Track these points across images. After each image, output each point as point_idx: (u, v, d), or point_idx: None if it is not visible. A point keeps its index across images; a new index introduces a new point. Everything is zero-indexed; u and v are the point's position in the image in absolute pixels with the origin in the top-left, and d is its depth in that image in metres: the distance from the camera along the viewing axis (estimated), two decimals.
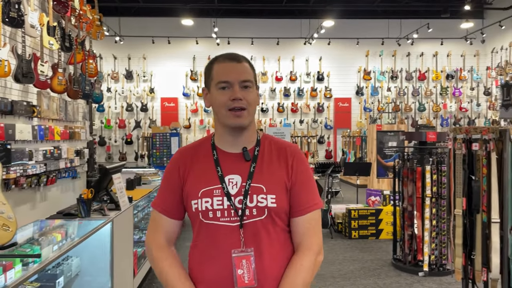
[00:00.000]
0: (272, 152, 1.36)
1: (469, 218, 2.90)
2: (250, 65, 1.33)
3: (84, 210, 2.62)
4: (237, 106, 1.27)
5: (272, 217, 1.30)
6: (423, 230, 4.25)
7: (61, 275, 2.27)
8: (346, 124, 14.18)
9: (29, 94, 4.52)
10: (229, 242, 1.27)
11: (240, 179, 1.30)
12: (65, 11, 4.94)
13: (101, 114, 13.45)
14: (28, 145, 4.29)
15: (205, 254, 1.31)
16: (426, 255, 4.22)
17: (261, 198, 1.28)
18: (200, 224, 1.32)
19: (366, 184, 10.68)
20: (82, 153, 5.92)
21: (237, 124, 1.29)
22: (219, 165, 1.32)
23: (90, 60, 5.78)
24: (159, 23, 13.40)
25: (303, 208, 1.33)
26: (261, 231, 1.29)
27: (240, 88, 1.27)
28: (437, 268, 4.32)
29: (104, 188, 2.96)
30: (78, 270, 2.52)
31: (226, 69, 1.29)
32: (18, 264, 1.75)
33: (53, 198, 5.05)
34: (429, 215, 4.19)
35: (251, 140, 1.36)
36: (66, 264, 2.37)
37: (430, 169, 4.18)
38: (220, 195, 1.29)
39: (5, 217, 1.70)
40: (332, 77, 14.20)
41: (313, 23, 13.35)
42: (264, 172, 1.32)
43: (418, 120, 14.07)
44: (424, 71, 14.22)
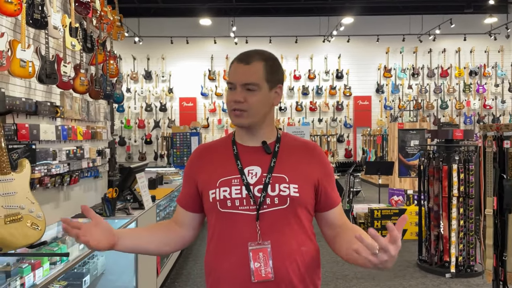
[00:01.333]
0: (294, 148, 1.37)
1: (500, 218, 2.80)
2: (266, 64, 1.30)
3: (109, 209, 2.63)
4: (236, 108, 1.29)
5: (295, 207, 1.28)
6: (449, 230, 4.13)
7: (87, 274, 2.28)
8: (366, 123, 14.00)
9: (53, 94, 4.59)
10: (246, 232, 1.26)
11: (260, 170, 1.30)
12: (86, 12, 5.00)
13: (121, 114, 13.62)
14: (52, 145, 4.35)
15: (221, 245, 1.30)
16: (453, 256, 4.11)
17: (284, 187, 1.27)
18: (218, 214, 1.31)
19: (387, 183, 10.51)
20: (104, 153, 5.99)
21: (237, 124, 1.32)
22: (239, 159, 1.33)
23: (111, 60, 5.84)
24: (177, 23, 13.48)
25: (334, 199, 1.37)
26: (281, 221, 1.27)
27: (242, 90, 1.28)
28: (464, 269, 4.19)
29: (128, 187, 2.96)
30: (103, 269, 2.53)
31: (234, 70, 1.31)
32: (46, 263, 1.76)
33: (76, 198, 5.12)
34: (456, 215, 4.07)
35: (269, 136, 1.37)
36: (92, 263, 2.39)
37: (457, 167, 4.06)
38: (238, 184, 1.28)
39: (34, 216, 1.71)
40: (352, 75, 14.03)
41: (332, 20, 13.22)
42: (286, 164, 1.31)
43: (441, 118, 13.77)
44: (447, 67, 13.92)
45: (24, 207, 1.67)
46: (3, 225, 1.57)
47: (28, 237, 1.67)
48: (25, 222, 1.66)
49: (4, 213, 1.59)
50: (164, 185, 4.91)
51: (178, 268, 4.54)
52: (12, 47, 3.49)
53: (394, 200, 6.25)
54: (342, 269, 4.50)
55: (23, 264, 1.64)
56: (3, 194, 1.59)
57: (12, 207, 1.62)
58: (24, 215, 1.68)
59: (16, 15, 3.46)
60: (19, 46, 3.53)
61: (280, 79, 1.35)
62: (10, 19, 3.59)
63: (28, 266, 1.63)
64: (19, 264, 1.62)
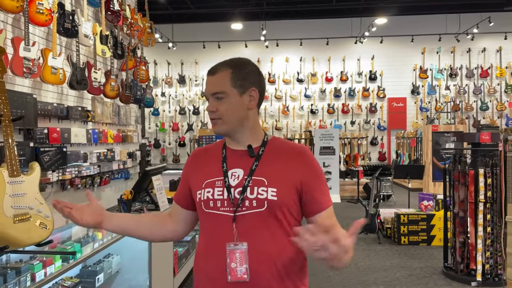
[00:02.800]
0: (280, 152, 1.39)
1: None
2: (234, 71, 1.34)
3: (124, 210, 2.75)
4: (211, 117, 1.37)
5: (273, 210, 1.30)
6: (476, 237, 3.99)
7: (101, 272, 2.40)
8: (401, 125, 13.66)
9: (84, 99, 4.81)
10: (225, 232, 1.30)
11: (242, 173, 1.34)
12: (117, 21, 5.21)
13: (156, 117, 14.02)
14: (82, 148, 4.57)
15: (205, 244, 1.36)
16: (479, 263, 3.96)
17: (262, 191, 1.30)
18: (202, 214, 1.38)
19: (421, 187, 10.21)
20: (135, 155, 6.21)
21: (215, 132, 1.39)
22: (225, 162, 1.38)
23: (142, 66, 6.05)
24: (209, 28, 13.73)
25: (321, 203, 1.36)
26: (259, 224, 1.30)
27: (213, 99, 1.35)
28: (492, 278, 4.03)
29: (144, 189, 3.08)
30: (118, 268, 2.65)
31: (206, 82, 1.39)
32: (58, 261, 1.88)
33: (107, 198, 5.33)
34: (482, 221, 3.92)
35: (255, 140, 1.40)
36: (106, 261, 2.50)
37: (483, 172, 3.91)
38: (221, 186, 1.34)
39: (42, 216, 1.83)
40: (385, 76, 13.75)
41: (364, 21, 13.02)
42: (267, 168, 1.34)
43: (481, 120, 13.23)
44: (487, 67, 13.36)
45: (33, 207, 1.79)
46: (12, 224, 1.70)
47: (36, 236, 1.79)
48: (34, 222, 1.79)
49: (14, 212, 1.72)
50: None
51: None
52: (44, 55, 3.70)
53: (423, 205, 6.08)
54: (362, 274, 4.44)
55: (35, 261, 1.76)
56: (12, 195, 1.72)
57: (21, 207, 1.75)
58: (33, 215, 1.80)
59: (47, 25, 3.67)
60: (51, 54, 3.74)
61: (253, 82, 1.36)
62: (42, 29, 3.82)
63: (39, 263, 1.76)
64: (30, 261, 1.75)
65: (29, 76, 3.40)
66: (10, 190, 1.70)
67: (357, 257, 5.03)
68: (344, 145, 11.90)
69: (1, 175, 1.68)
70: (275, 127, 13.72)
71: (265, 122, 13.79)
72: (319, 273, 4.46)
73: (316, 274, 4.43)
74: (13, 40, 3.26)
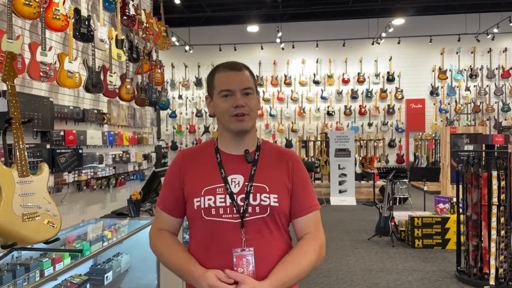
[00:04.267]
0: (272, 156, 1.43)
1: None
2: (250, 72, 1.42)
3: (133, 210, 2.82)
4: (239, 112, 1.34)
5: (274, 216, 1.35)
6: (489, 240, 3.92)
7: (110, 270, 2.47)
8: (420, 127, 13.47)
9: (100, 102, 4.94)
10: (230, 239, 1.32)
11: (242, 179, 1.36)
12: (133, 25, 5.33)
13: (173, 120, 14.20)
14: (98, 150, 4.69)
15: (205, 251, 1.34)
16: (492, 267, 3.89)
17: (264, 197, 1.34)
18: (201, 221, 1.36)
19: (439, 190, 10.04)
20: (150, 157, 6.32)
21: (240, 128, 1.36)
22: (222, 167, 1.38)
23: (157, 69, 6.16)
24: (225, 31, 13.84)
25: (304, 208, 1.39)
26: (263, 229, 1.34)
27: (241, 95, 1.35)
28: (506, 282, 3.95)
29: (154, 190, 3.15)
30: (127, 266, 2.72)
31: (227, 78, 1.36)
32: (67, 258, 1.95)
33: (122, 199, 5.45)
34: (496, 224, 3.85)
35: (252, 144, 1.43)
36: (115, 260, 2.58)
37: (497, 174, 3.85)
38: (222, 193, 1.34)
39: (50, 214, 1.92)
40: (403, 78, 13.59)
41: (381, 22, 12.91)
42: (266, 174, 1.38)
43: (502, 122, 12.93)
44: (508, 68, 13.05)
45: (41, 206, 1.87)
46: (21, 222, 1.79)
47: (44, 234, 1.87)
48: (42, 220, 1.87)
49: (22, 211, 1.80)
50: None
51: None
52: (60, 60, 3.83)
53: (439, 208, 5.99)
54: (374, 277, 4.41)
55: (44, 258, 1.84)
56: (22, 194, 1.81)
57: (30, 206, 1.83)
58: (41, 214, 1.88)
59: (63, 30, 3.79)
60: (67, 59, 3.86)
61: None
62: (59, 34, 3.95)
63: (48, 260, 1.83)
64: (40, 258, 1.83)
65: (46, 80, 3.52)
66: (20, 190, 1.78)
67: (370, 260, 5.00)
68: (360, 147, 11.80)
69: (11, 175, 1.76)
70: (291, 129, 13.72)
71: (281, 124, 13.80)
72: (333, 275, 4.46)
73: (330, 275, 4.43)
74: (30, 45, 3.39)
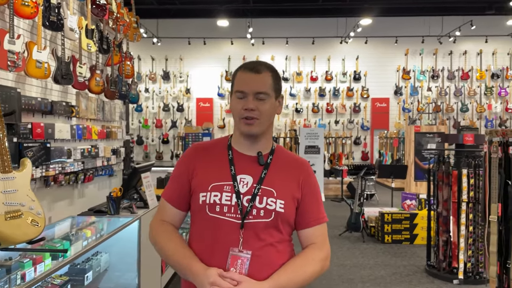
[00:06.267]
0: (284, 163, 1.40)
1: (505, 225, 2.76)
2: (273, 75, 1.36)
3: (113, 207, 2.71)
4: (248, 115, 1.31)
5: (278, 222, 1.32)
6: (458, 236, 4.08)
7: (90, 270, 2.36)
8: (384, 125, 13.84)
9: (68, 94, 4.72)
10: (229, 238, 1.29)
11: (251, 180, 1.34)
12: (103, 14, 5.12)
13: (139, 114, 13.86)
14: (66, 144, 4.48)
15: (204, 247, 1.32)
16: (461, 262, 4.05)
17: (271, 201, 1.31)
18: (204, 217, 1.33)
19: (403, 187, 10.38)
20: (119, 152, 6.13)
21: (247, 132, 1.34)
22: (233, 165, 1.36)
23: (127, 61, 5.96)
24: (195, 24, 13.63)
25: (312, 219, 1.38)
26: (263, 233, 1.31)
27: (254, 99, 1.32)
28: (473, 276, 4.13)
29: (133, 186, 3.04)
30: (107, 266, 2.61)
31: (244, 79, 1.33)
32: (48, 258, 1.84)
33: (90, 195, 5.25)
34: (465, 220, 4.01)
35: (266, 147, 1.40)
36: (95, 259, 2.47)
37: (466, 172, 4.00)
38: (229, 192, 1.32)
39: (34, 213, 1.79)
40: (369, 77, 13.91)
41: (349, 21, 13.13)
42: (275, 179, 1.35)
43: (461, 121, 13.51)
44: (468, 70, 13.65)
45: (25, 204, 1.75)
46: (4, 221, 1.66)
47: (27, 233, 1.75)
48: (25, 219, 1.75)
49: (5, 209, 1.67)
50: None
51: None
52: (29, 49, 3.62)
53: (406, 204, 6.18)
54: (348, 272, 4.49)
55: (25, 259, 1.72)
56: (4, 192, 1.67)
57: (12, 204, 1.70)
58: (24, 212, 1.76)
59: (32, 18, 3.58)
60: (35, 48, 3.66)
61: (281, 90, 1.40)
62: (27, 21, 3.73)
63: (29, 261, 1.72)
64: (20, 259, 1.71)
65: (13, 69, 3.31)
66: (2, 187, 1.64)
67: (343, 255, 5.08)
68: (329, 144, 11.99)
69: None
70: None
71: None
72: None
73: None
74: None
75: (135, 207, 2.85)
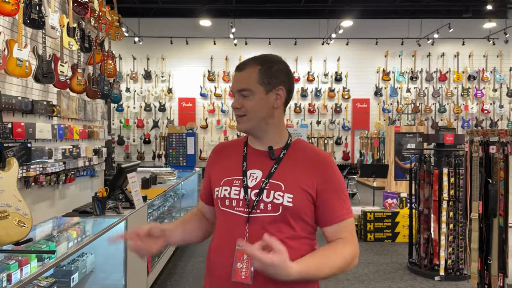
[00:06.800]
0: (301, 157, 1.35)
1: (486, 222, 2.85)
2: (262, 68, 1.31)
3: (99, 208, 2.67)
4: (236, 113, 1.36)
5: (287, 217, 1.28)
6: (439, 233, 4.17)
7: (76, 271, 2.32)
8: (364, 125, 14.03)
9: (49, 94, 4.63)
10: (237, 232, 1.30)
11: (260, 174, 1.34)
12: (85, 13, 5.04)
13: (120, 113, 13.67)
14: (47, 144, 4.39)
15: (218, 240, 1.37)
16: (442, 259, 4.15)
17: (278, 195, 1.28)
18: (218, 211, 1.39)
19: (384, 186, 10.55)
20: (101, 152, 6.04)
21: (238, 129, 1.38)
22: (246, 160, 1.38)
23: (109, 60, 5.88)
24: (177, 23, 13.54)
25: (337, 216, 1.31)
26: (271, 228, 1.27)
27: (239, 96, 1.34)
28: (454, 272, 4.23)
29: (119, 186, 3.00)
30: (93, 267, 2.57)
31: (233, 78, 1.39)
32: (33, 260, 1.80)
33: (72, 196, 5.16)
34: (445, 218, 4.11)
35: (277, 142, 1.38)
36: (81, 260, 2.43)
37: (447, 171, 4.10)
38: (238, 186, 1.34)
39: (21, 213, 1.75)
40: (350, 78, 14.08)
41: (331, 23, 13.27)
42: (286, 173, 1.32)
43: (439, 122, 13.81)
44: (445, 72, 13.96)
45: (11, 204, 1.71)
46: None
47: (14, 235, 1.71)
48: (12, 220, 1.71)
49: None
50: (158, 185, 4.95)
51: (171, 267, 4.58)
52: (9, 47, 3.54)
53: (388, 203, 6.29)
54: None
55: (10, 260, 1.68)
56: None
57: None
58: (11, 213, 1.72)
59: (13, 15, 3.50)
60: (16, 46, 3.57)
61: (282, 81, 1.34)
62: (7, 19, 3.64)
63: (15, 262, 1.68)
64: (6, 260, 1.67)
65: None
66: None
67: None
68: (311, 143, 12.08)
69: None
70: None
71: (233, 120, 13.77)
72: None
73: None
74: None
75: (121, 208, 2.82)
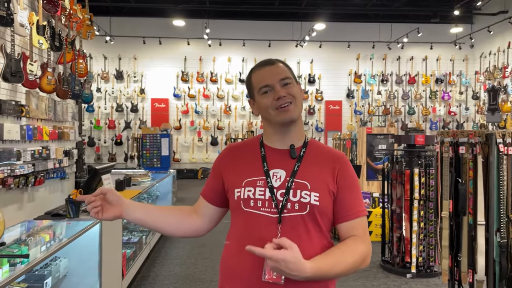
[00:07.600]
0: (318, 155, 1.39)
1: (456, 220, 2.95)
2: (285, 65, 1.39)
3: (72, 210, 2.60)
4: (283, 103, 1.32)
5: (315, 214, 1.30)
6: (411, 232, 4.29)
7: (49, 276, 2.25)
8: (337, 127, 14.25)
9: (18, 93, 4.49)
10: (266, 233, 1.28)
11: (284, 174, 1.34)
12: (55, 10, 4.91)
13: (90, 114, 13.35)
14: (16, 145, 4.25)
15: (241, 242, 1.29)
16: (414, 257, 4.27)
17: (305, 194, 1.30)
18: (240, 212, 1.35)
19: None
20: (71, 153, 5.88)
21: (287, 119, 1.34)
22: (266, 161, 1.37)
23: (80, 60, 5.74)
24: (150, 23, 13.36)
25: (352, 212, 1.34)
26: (300, 227, 1.29)
27: (280, 86, 1.33)
28: (424, 270, 4.36)
29: (93, 189, 2.93)
30: (66, 271, 2.50)
31: (263, 74, 1.36)
32: (5, 265, 1.74)
33: (41, 199, 5.01)
34: (417, 217, 4.23)
35: (298, 140, 1.40)
36: (54, 264, 2.36)
37: (418, 171, 4.23)
38: (263, 186, 1.32)
39: None
40: (323, 80, 14.27)
41: (304, 26, 13.42)
42: (309, 171, 1.34)
43: (408, 123, 14.19)
44: (414, 75, 14.37)
45: None
46: None
47: None
48: None
49: None
50: (132, 187, 4.87)
51: (145, 270, 4.52)
52: None
53: None
54: None
55: None
56: None
57: None
58: None
59: None
60: None
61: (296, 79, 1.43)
62: None
63: None
64: None
65: None
66: None
67: None
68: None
69: None
70: (217, 126, 13.68)
71: (207, 122, 13.70)
72: None
73: None
74: None
75: None
